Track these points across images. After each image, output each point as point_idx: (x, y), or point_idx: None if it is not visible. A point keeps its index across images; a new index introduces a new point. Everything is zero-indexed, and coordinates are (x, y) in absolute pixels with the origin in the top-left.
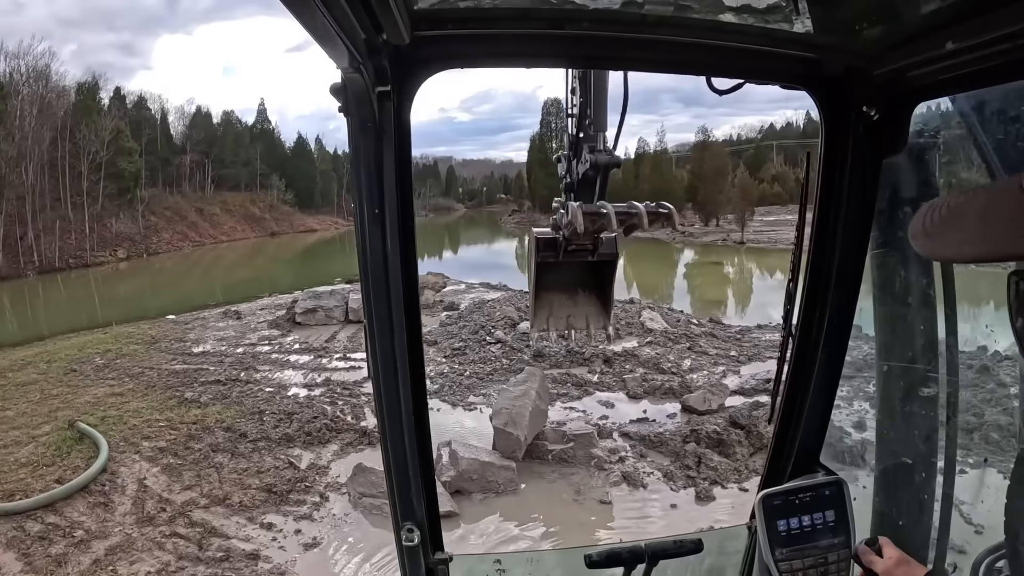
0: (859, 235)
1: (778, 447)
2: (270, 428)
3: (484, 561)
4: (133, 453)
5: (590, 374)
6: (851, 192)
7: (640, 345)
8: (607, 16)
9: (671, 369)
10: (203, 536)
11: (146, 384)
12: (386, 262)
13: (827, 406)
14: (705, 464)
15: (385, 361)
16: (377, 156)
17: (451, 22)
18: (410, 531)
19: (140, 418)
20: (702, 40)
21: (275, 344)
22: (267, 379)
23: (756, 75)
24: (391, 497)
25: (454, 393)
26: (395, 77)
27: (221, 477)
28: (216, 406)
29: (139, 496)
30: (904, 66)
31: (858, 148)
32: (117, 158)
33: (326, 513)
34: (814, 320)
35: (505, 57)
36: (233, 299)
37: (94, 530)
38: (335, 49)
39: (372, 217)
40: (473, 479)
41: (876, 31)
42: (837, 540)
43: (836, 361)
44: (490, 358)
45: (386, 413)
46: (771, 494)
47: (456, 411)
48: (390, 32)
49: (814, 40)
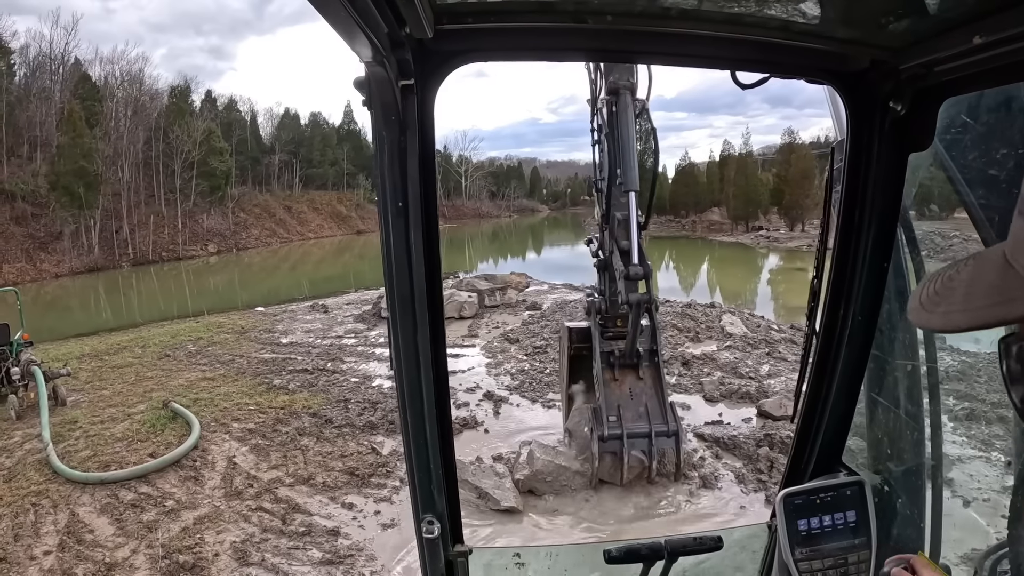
0: (885, 232)
1: (800, 446)
2: (354, 415)
3: (503, 554)
4: (223, 433)
5: (668, 376)
6: (877, 189)
7: (719, 349)
8: (630, 9)
9: (749, 374)
10: (287, 512)
11: (236, 370)
12: (409, 256)
13: (849, 405)
14: (777, 469)
15: (407, 354)
16: (401, 150)
17: (473, 16)
18: (430, 523)
19: (230, 401)
20: (726, 34)
21: (360, 337)
22: (352, 370)
23: (780, 69)
24: (412, 489)
25: (534, 390)
26: (418, 71)
27: (306, 459)
28: (303, 393)
29: (228, 472)
30: (931, 60)
31: (884, 144)
32: (209, 157)
33: (405, 497)
34: (838, 318)
35: (528, 51)
36: (320, 293)
37: (184, 501)
38: (358, 43)
39: (395, 211)
40: (547, 480)
41: (902, 24)
42: (857, 541)
43: (860, 360)
44: None
45: (408, 407)
46: (792, 493)
47: (535, 407)
48: (413, 26)
49: (839, 34)
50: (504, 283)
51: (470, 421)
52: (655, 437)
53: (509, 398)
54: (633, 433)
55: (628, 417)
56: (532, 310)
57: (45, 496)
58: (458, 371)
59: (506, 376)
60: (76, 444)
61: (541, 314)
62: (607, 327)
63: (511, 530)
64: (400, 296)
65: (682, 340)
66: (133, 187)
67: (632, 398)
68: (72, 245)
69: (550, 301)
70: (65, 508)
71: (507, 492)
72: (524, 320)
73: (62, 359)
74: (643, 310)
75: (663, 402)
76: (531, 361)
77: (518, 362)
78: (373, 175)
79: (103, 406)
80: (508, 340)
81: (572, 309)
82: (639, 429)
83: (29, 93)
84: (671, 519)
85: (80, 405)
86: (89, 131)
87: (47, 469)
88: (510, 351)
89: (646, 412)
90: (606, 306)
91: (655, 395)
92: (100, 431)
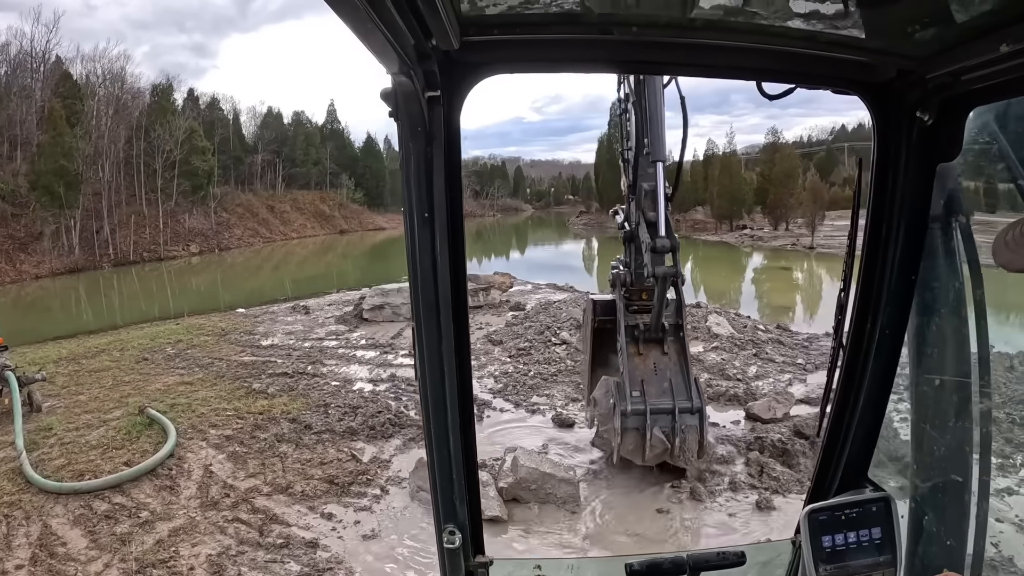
0: (913, 243)
1: (825, 461)
2: (334, 421)
3: (524, 566)
4: (200, 440)
5: None
6: (904, 199)
7: (705, 350)
8: (655, 20)
9: (736, 375)
10: (264, 523)
11: (215, 374)
12: (435, 266)
13: (876, 420)
14: (767, 473)
15: (432, 364)
16: (427, 160)
17: (499, 27)
18: (452, 533)
19: (208, 407)
20: (751, 44)
21: (342, 339)
22: (333, 373)
23: (806, 79)
24: (434, 499)
25: (518, 393)
26: (444, 82)
27: (285, 466)
28: (282, 397)
29: (204, 481)
30: (958, 69)
31: (911, 154)
32: (191, 156)
33: (386, 506)
34: (865, 331)
35: (554, 62)
36: (302, 294)
37: (159, 512)
38: (385, 54)
39: (421, 221)
40: (531, 489)
41: (928, 33)
42: (883, 558)
43: (887, 374)
44: (555, 359)
45: (432, 416)
46: (817, 509)
47: (519, 411)
48: (439, 37)
49: (865, 43)
50: (488, 283)
51: None
52: (679, 414)
53: (492, 402)
54: (656, 409)
55: (652, 393)
56: (516, 311)
57: (18, 507)
58: None
59: (489, 379)
60: (50, 452)
61: (525, 315)
62: (632, 300)
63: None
64: (425, 305)
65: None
66: (114, 187)
67: (656, 373)
68: (52, 246)
69: (534, 301)
70: (38, 519)
71: (491, 501)
72: (508, 321)
73: (38, 363)
74: (669, 283)
75: (688, 378)
76: (515, 363)
77: (502, 364)
78: (401, 185)
79: (79, 412)
80: (492, 342)
81: (556, 310)
82: (663, 405)
83: (9, 91)
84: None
85: (56, 411)
86: (70, 130)
87: (20, 479)
88: (494, 353)
89: (670, 388)
90: (631, 279)
91: (680, 371)
92: (75, 438)
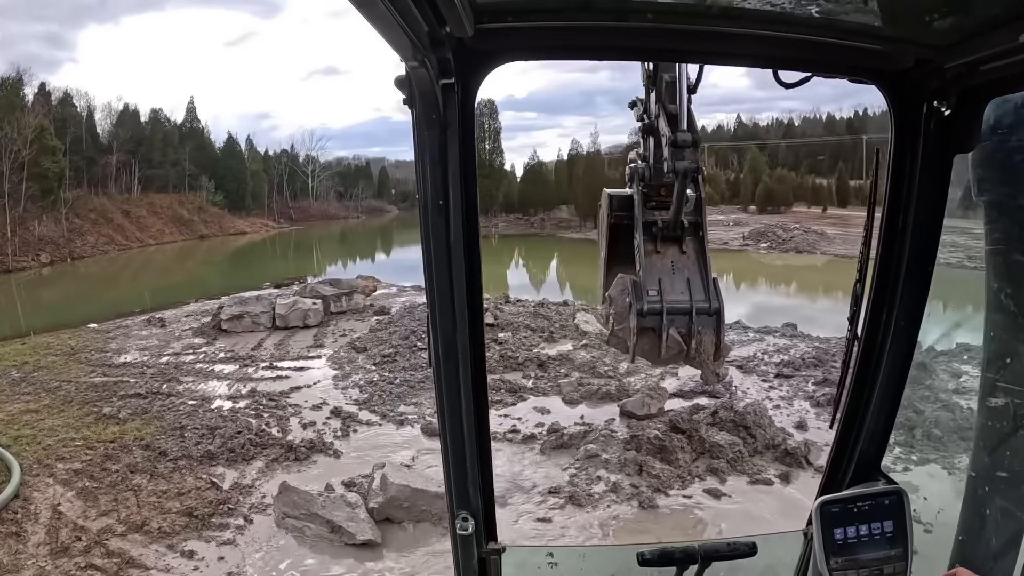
0: (929, 234)
1: (839, 453)
2: (192, 445)
3: (536, 554)
4: (47, 476)
5: (524, 379)
6: (921, 190)
7: (575, 348)
8: (671, 8)
9: (607, 372)
10: (120, 567)
11: (63, 399)
12: (449, 253)
13: (891, 413)
14: (647, 472)
15: (447, 351)
16: (442, 148)
17: (514, 14)
18: (464, 520)
19: (55, 437)
20: (767, 32)
21: (200, 353)
22: (190, 391)
23: (822, 68)
24: (447, 486)
25: (384, 403)
26: (459, 70)
27: (139, 501)
28: (135, 422)
29: (53, 524)
30: (976, 59)
31: (928, 144)
32: (40, 157)
33: (251, 538)
34: (880, 323)
35: (567, 50)
36: (159, 305)
37: (6, 563)
38: (399, 42)
39: (436, 208)
40: (404, 507)
41: (947, 22)
42: (894, 552)
43: (902, 366)
44: (421, 364)
45: (446, 403)
46: (829, 501)
47: (387, 424)
48: (453, 25)
49: (882, 32)
50: (350, 288)
51: (318, 443)
52: (696, 315)
53: (359, 414)
54: (673, 309)
55: (669, 292)
56: (380, 315)
57: None
58: (302, 386)
59: (354, 389)
60: None
61: (389, 319)
62: (650, 196)
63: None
64: (440, 293)
65: (536, 341)
66: None
67: (674, 272)
68: None
69: (399, 305)
70: None
71: (362, 524)
72: (372, 326)
73: None
74: (689, 179)
75: (707, 278)
76: (380, 371)
77: (366, 372)
78: (415, 172)
79: None
80: (355, 349)
81: (422, 313)
82: (680, 304)
83: None
84: None
85: None
86: None
87: None
88: (358, 361)
89: (687, 287)
90: (650, 174)
91: (698, 270)
92: None
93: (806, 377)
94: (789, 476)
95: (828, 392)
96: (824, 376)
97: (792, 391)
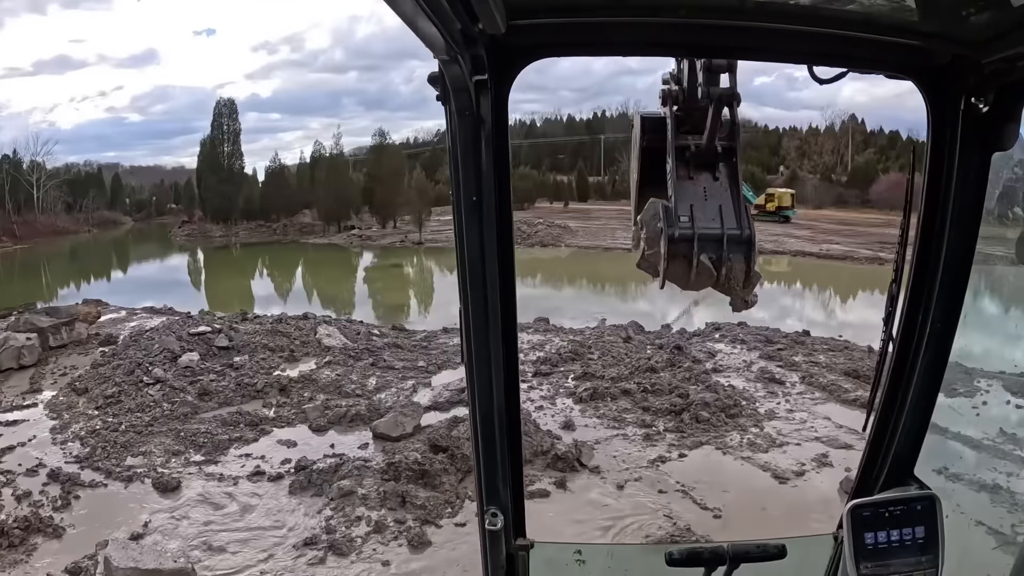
0: (967, 234)
1: (871, 456)
2: None
3: (565, 550)
4: None
5: (265, 408)
6: (958, 189)
7: (319, 367)
8: (705, 3)
9: (355, 391)
10: None
11: None
12: (483, 249)
13: (925, 416)
14: (411, 503)
15: (479, 348)
16: (475, 144)
17: (546, 11)
18: (494, 515)
19: None
20: (803, 28)
21: None
22: None
23: (858, 63)
24: (477, 480)
25: (108, 457)
26: (492, 66)
27: None
28: None
29: None
30: (1014, 55)
31: (966, 142)
32: None
33: None
34: (916, 325)
35: (600, 46)
36: None
37: None
38: (431, 38)
39: (470, 205)
40: None
41: (984, 17)
42: (925, 558)
43: (938, 369)
44: (149, 404)
45: (478, 397)
46: (861, 505)
47: (113, 482)
48: (486, 21)
49: (919, 27)
50: (70, 315)
51: (34, 521)
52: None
53: (80, 475)
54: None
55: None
56: (105, 345)
57: None
58: (16, 445)
59: (75, 442)
60: None
61: (113, 351)
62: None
63: None
64: (473, 288)
65: (276, 361)
66: None
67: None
68: None
69: (127, 331)
70: None
71: None
72: (95, 361)
73: None
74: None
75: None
76: (103, 416)
77: (88, 420)
78: (448, 168)
79: None
80: (75, 391)
81: (148, 341)
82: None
83: None
84: None
85: None
86: None
87: None
88: (79, 406)
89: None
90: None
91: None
92: None
93: (565, 372)
94: (565, 482)
95: (589, 386)
96: (584, 370)
97: (553, 389)
